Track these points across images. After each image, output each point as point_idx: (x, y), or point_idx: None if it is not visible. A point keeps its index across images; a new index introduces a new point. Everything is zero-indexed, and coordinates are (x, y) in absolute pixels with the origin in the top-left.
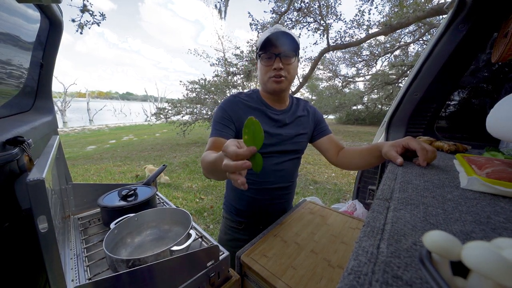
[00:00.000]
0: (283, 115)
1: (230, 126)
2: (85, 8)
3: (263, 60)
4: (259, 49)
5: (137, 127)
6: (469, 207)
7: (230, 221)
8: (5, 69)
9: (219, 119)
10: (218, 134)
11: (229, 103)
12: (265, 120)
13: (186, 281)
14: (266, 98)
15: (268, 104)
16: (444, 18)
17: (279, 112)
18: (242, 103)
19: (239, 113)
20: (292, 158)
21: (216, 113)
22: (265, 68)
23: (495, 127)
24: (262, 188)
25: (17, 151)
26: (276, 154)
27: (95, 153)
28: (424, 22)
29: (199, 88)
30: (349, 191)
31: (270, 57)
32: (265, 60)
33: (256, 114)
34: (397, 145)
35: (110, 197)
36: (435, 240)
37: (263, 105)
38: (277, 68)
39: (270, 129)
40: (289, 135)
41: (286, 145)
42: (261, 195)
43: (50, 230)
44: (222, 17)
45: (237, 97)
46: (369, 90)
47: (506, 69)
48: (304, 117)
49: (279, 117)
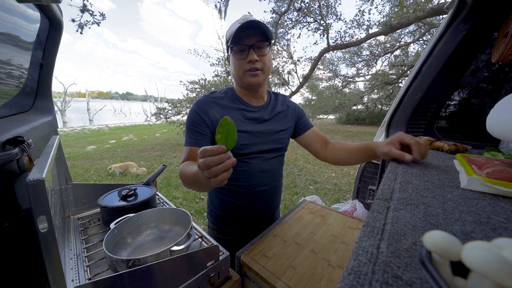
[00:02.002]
0: (261, 112)
1: (204, 131)
2: (85, 8)
3: (235, 53)
4: (230, 41)
5: (137, 127)
6: (469, 207)
7: (217, 232)
8: (5, 69)
9: (193, 124)
10: (193, 143)
11: (202, 104)
12: (242, 118)
13: (186, 281)
14: (242, 94)
15: (245, 101)
16: (444, 18)
17: (257, 108)
18: (215, 103)
19: (214, 114)
20: (276, 156)
21: (189, 117)
22: (239, 61)
23: (495, 127)
24: (248, 192)
25: (17, 151)
26: (259, 154)
27: (95, 153)
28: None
29: (199, 88)
30: (349, 191)
31: (243, 49)
32: (238, 53)
33: (233, 113)
34: (394, 142)
35: (110, 197)
36: (435, 240)
37: (239, 102)
38: (252, 60)
39: (249, 127)
40: (269, 131)
41: (268, 143)
42: (247, 201)
43: (50, 230)
44: (222, 17)
45: (209, 97)
46: (369, 90)
47: (506, 69)
48: (283, 112)
49: (257, 114)
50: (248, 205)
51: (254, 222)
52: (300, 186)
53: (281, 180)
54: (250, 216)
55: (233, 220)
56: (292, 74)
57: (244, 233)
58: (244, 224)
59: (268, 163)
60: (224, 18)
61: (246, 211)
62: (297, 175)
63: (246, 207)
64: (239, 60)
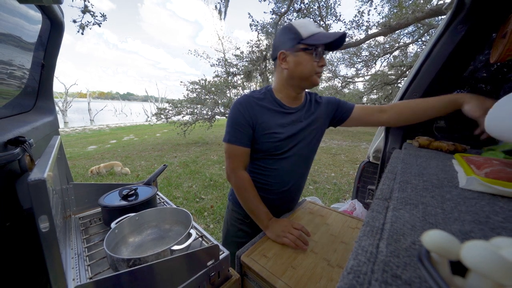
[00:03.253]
0: (298, 113)
1: (247, 131)
2: (86, 8)
3: (317, 55)
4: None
5: (138, 127)
6: (468, 207)
7: (237, 213)
8: (7, 69)
9: (236, 124)
10: (236, 141)
11: (245, 104)
12: (280, 120)
13: (187, 280)
14: (282, 96)
15: (282, 103)
16: (443, 19)
17: (295, 109)
18: (255, 104)
19: (255, 114)
20: (307, 157)
21: (233, 115)
22: (314, 63)
23: (494, 127)
24: (274, 189)
25: (19, 151)
26: (293, 155)
27: (96, 153)
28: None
29: (199, 88)
30: (348, 191)
31: (324, 54)
32: (318, 56)
33: (272, 114)
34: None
35: (111, 196)
36: (434, 240)
37: (277, 105)
38: (325, 65)
39: (286, 129)
40: (304, 133)
41: (303, 145)
42: (272, 195)
43: (51, 229)
44: (222, 18)
45: (251, 97)
46: (368, 90)
47: (505, 70)
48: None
49: (294, 116)
50: (272, 198)
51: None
52: None
53: (305, 179)
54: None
55: None
56: None
57: None
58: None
59: (299, 163)
60: (224, 19)
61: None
62: None
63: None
64: (314, 62)
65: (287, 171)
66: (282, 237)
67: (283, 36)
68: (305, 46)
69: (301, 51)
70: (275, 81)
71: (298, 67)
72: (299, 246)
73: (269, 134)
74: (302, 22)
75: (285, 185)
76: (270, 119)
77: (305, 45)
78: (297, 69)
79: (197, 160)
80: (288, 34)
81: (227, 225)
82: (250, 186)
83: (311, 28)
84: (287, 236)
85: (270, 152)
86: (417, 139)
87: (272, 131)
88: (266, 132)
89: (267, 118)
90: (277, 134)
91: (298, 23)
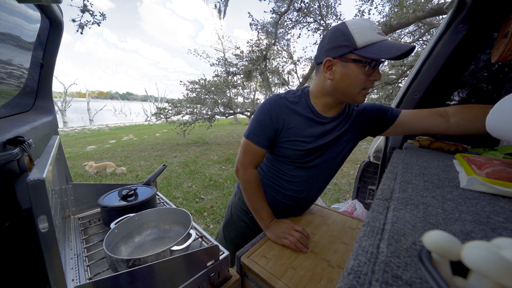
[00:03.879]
0: (333, 122)
1: (269, 133)
2: (85, 8)
3: (370, 67)
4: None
5: (137, 127)
6: (469, 207)
7: (243, 203)
8: (6, 69)
9: (261, 123)
10: (256, 141)
11: (275, 105)
12: (311, 129)
13: (186, 281)
14: (318, 104)
15: (317, 111)
16: (444, 18)
17: (330, 119)
18: (287, 107)
19: (283, 118)
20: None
21: (260, 115)
22: (364, 76)
23: (495, 127)
24: (289, 194)
25: (18, 151)
26: (317, 165)
27: (96, 153)
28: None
29: (199, 88)
30: (349, 191)
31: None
32: (371, 69)
33: (303, 121)
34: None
35: (110, 197)
36: (435, 240)
37: (311, 112)
38: (379, 79)
39: (318, 141)
40: (336, 150)
41: (330, 161)
42: (285, 199)
43: (51, 230)
44: (222, 17)
45: (283, 99)
46: None
47: (506, 69)
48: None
49: (328, 127)
50: (284, 202)
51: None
52: None
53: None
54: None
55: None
56: (292, 74)
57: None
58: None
59: (321, 175)
60: (223, 18)
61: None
62: None
63: (280, 203)
64: (364, 75)
65: (306, 181)
66: (282, 239)
67: (333, 39)
68: (358, 58)
69: (353, 62)
70: (313, 85)
71: (345, 80)
72: (299, 248)
73: (295, 142)
74: (360, 24)
75: (300, 193)
76: (300, 126)
77: (359, 56)
78: (343, 83)
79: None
80: (340, 39)
81: (231, 211)
82: (257, 185)
83: (370, 35)
84: (288, 237)
85: (292, 159)
86: (417, 139)
87: (299, 139)
88: (292, 139)
89: (297, 125)
90: (304, 144)
91: (354, 25)
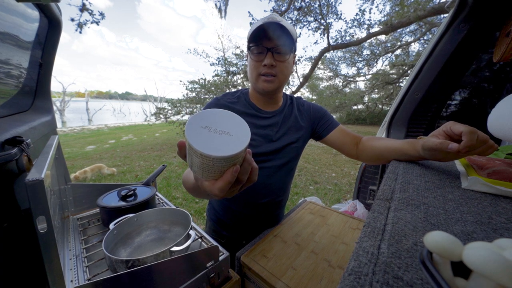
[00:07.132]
0: (275, 118)
1: None
2: (84, 7)
3: (253, 54)
4: (249, 41)
5: (137, 127)
6: (470, 208)
7: (214, 226)
8: (4, 68)
9: None
10: None
11: (213, 107)
12: (253, 126)
13: (186, 282)
14: (256, 99)
15: (258, 107)
16: (445, 18)
17: (271, 114)
18: (227, 107)
19: None
20: (285, 168)
21: None
22: (255, 63)
23: (497, 127)
24: (251, 202)
25: (16, 151)
26: (266, 167)
27: (95, 153)
28: (425, 21)
29: (199, 87)
30: (349, 191)
31: (262, 51)
32: (255, 55)
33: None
34: (436, 134)
35: (110, 197)
36: (436, 241)
37: (251, 108)
38: (268, 64)
39: (264, 138)
40: (285, 149)
41: (278, 157)
42: (249, 210)
43: (49, 230)
44: (222, 16)
45: (221, 100)
46: (369, 89)
47: (508, 69)
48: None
49: (270, 121)
50: (249, 214)
51: (251, 229)
52: (300, 186)
53: (287, 193)
54: (248, 224)
55: (230, 224)
56: (292, 73)
57: (237, 239)
58: (240, 230)
59: (274, 176)
60: (224, 17)
61: (246, 220)
62: (297, 175)
63: (245, 216)
64: (255, 62)
65: (262, 184)
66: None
67: None
68: (248, 46)
69: (248, 52)
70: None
71: (248, 71)
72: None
73: None
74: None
75: (262, 199)
76: None
77: (248, 45)
78: (248, 74)
79: None
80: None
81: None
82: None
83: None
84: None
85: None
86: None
87: None
88: None
89: None
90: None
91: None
